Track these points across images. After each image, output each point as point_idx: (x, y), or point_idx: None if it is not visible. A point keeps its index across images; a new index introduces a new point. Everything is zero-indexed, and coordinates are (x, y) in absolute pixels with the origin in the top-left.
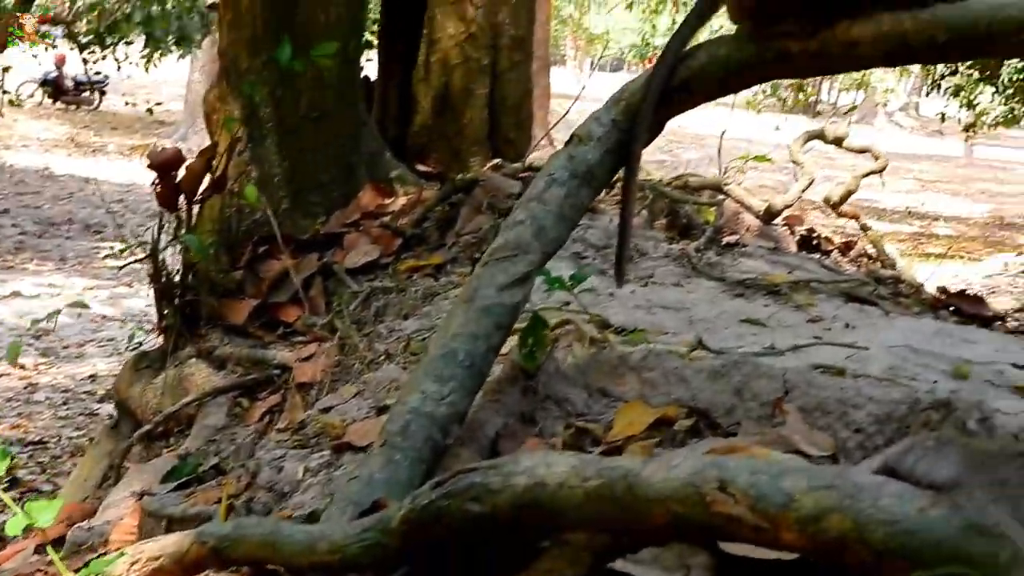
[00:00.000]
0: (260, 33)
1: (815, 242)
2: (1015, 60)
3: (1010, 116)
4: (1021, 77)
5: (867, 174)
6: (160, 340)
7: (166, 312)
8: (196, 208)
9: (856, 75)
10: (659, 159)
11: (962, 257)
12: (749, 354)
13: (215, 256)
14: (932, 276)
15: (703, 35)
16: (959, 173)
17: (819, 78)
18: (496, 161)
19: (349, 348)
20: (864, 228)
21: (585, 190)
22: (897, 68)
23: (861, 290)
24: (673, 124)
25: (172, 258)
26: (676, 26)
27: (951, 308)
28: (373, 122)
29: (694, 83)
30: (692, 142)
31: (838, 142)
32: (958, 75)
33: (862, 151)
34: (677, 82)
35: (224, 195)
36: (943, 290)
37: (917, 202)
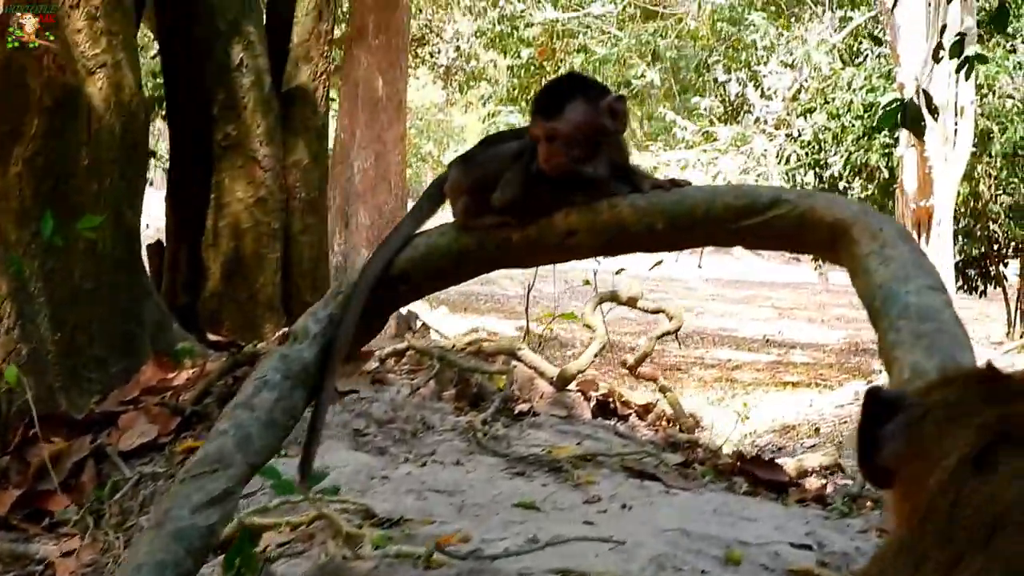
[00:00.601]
0: (28, 204)
1: (612, 406)
2: (858, 190)
3: None
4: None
5: (663, 335)
6: None
7: None
8: None
9: None
10: (522, 293)
11: (818, 385)
12: (490, 558)
13: None
14: (786, 405)
15: None
16: (815, 300)
17: None
18: (285, 330)
19: (107, 544)
20: (663, 390)
21: (300, 392)
22: None
23: (646, 463)
24: None
25: None
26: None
27: (746, 474)
28: (160, 290)
29: (414, 273)
30: (556, 276)
31: (632, 303)
32: None
33: (656, 311)
34: (397, 272)
35: None
36: (739, 456)
37: (775, 330)
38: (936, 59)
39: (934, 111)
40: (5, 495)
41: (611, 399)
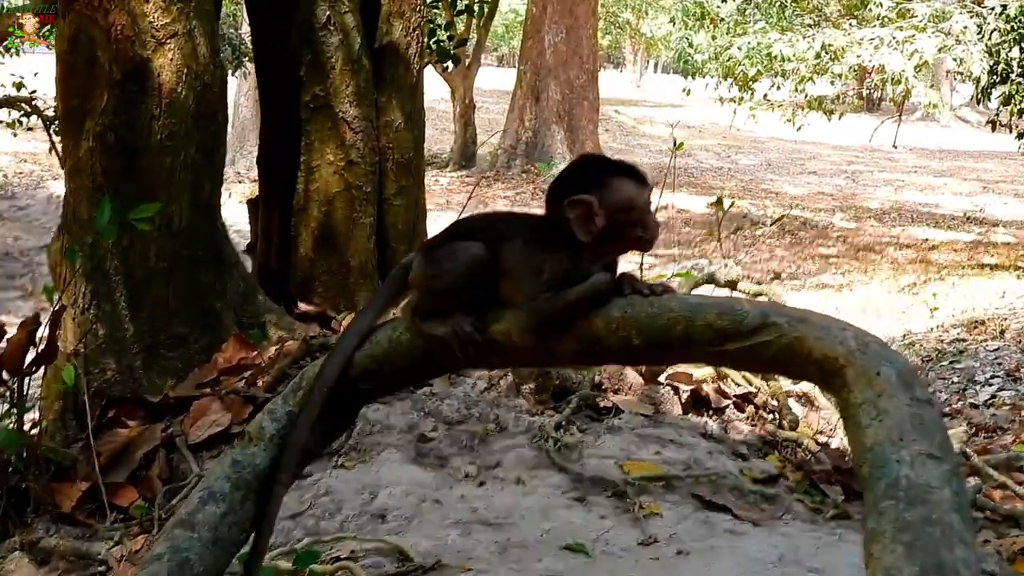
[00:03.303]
0: (100, 180)
1: (705, 396)
2: None
3: None
4: None
5: None
6: None
7: None
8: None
9: (902, 82)
10: (716, 166)
11: (1017, 268)
12: None
13: (61, 424)
14: (980, 292)
15: None
16: None
17: (880, 81)
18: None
19: None
20: (765, 378)
21: (253, 502)
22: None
23: (722, 484)
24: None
25: None
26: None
27: (842, 484)
28: (245, 260)
29: (377, 372)
30: (752, 146)
31: (732, 285)
32: (1008, 83)
33: (757, 295)
34: (358, 370)
35: (67, 356)
36: (836, 467)
37: (978, 206)
38: None
39: None
40: (72, 489)
41: (703, 393)
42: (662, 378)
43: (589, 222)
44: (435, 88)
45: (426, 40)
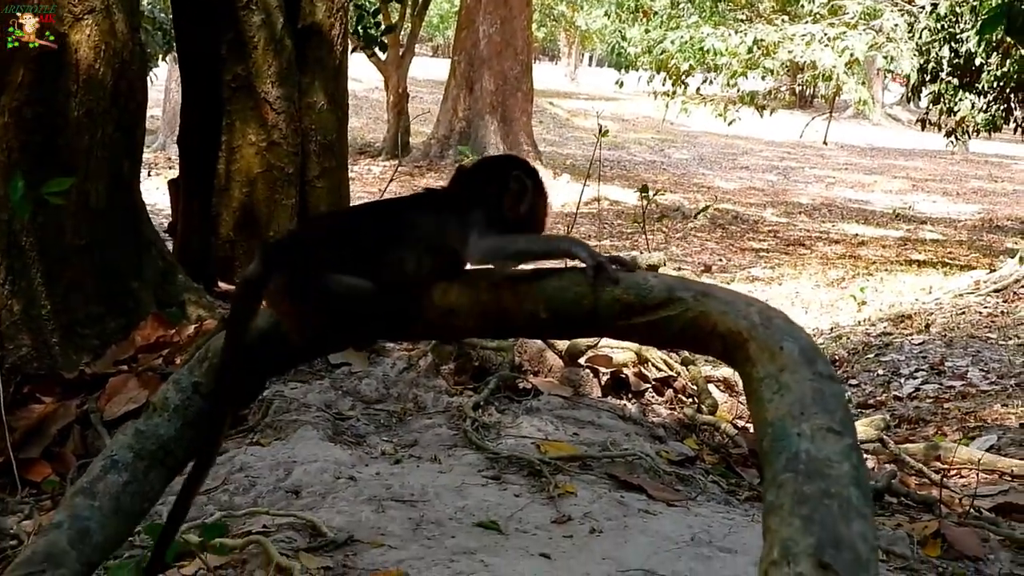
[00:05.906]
0: (16, 157)
1: (625, 379)
2: (994, 67)
3: (991, 123)
4: (1001, 84)
5: None
6: None
7: None
8: None
9: (833, 78)
10: (650, 159)
11: (945, 265)
12: None
13: None
14: (907, 288)
15: None
16: (952, 170)
17: (812, 77)
18: None
19: None
20: (686, 363)
21: (157, 473)
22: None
23: (637, 464)
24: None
25: None
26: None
27: (757, 467)
28: (167, 240)
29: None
30: (685, 141)
31: (652, 271)
32: (938, 82)
33: None
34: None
35: None
36: (752, 450)
37: (907, 203)
38: None
39: None
40: None
41: (623, 375)
42: (582, 360)
43: (520, 202)
44: (369, 77)
45: (351, 23)
